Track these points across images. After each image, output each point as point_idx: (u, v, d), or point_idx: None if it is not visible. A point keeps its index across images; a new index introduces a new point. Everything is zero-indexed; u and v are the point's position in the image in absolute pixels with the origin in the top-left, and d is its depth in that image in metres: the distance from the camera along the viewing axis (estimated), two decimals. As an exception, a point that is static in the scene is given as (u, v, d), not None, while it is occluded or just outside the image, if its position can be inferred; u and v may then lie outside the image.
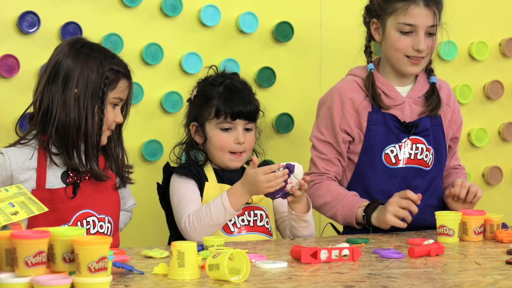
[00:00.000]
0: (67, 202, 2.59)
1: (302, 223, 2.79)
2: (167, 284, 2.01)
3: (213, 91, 2.84)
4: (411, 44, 2.92)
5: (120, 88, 2.65)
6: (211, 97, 2.83)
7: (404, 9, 2.91)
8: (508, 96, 3.84)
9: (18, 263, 1.83)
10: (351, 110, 2.98)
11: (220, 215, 2.66)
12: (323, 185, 2.96)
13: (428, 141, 3.00)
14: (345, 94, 2.99)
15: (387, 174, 2.96)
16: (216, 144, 2.82)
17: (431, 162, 3.01)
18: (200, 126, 2.85)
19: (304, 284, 2.01)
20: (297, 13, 3.55)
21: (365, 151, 2.98)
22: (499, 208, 3.62)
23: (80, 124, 2.57)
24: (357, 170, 3.01)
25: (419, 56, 2.94)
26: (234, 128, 2.83)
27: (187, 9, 3.37)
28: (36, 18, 3.12)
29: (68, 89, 2.57)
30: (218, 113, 2.81)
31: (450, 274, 2.16)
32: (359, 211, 2.88)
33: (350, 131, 2.98)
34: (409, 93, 3.02)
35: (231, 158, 2.83)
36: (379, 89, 2.99)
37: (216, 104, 2.81)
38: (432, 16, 2.92)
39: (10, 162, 2.58)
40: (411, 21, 2.91)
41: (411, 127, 2.97)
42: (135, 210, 2.97)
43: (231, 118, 2.81)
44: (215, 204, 2.67)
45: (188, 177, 2.79)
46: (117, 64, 2.64)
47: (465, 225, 2.68)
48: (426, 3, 2.91)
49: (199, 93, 2.88)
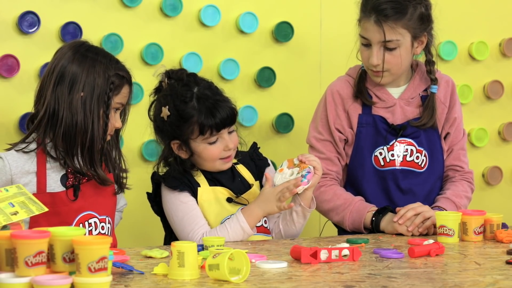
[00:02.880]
0: (68, 205, 2.60)
1: (301, 218, 2.78)
2: (167, 284, 2.01)
3: (188, 109, 2.74)
4: (368, 57, 2.92)
5: (123, 94, 2.66)
6: (189, 116, 2.73)
7: (363, 21, 2.92)
8: (508, 96, 3.84)
9: (18, 263, 1.83)
10: (342, 109, 2.98)
11: (238, 237, 2.68)
12: (329, 190, 2.96)
13: (418, 142, 2.98)
14: (337, 93, 2.99)
15: (377, 176, 2.96)
16: (207, 157, 2.77)
17: (425, 163, 3.00)
18: (184, 143, 2.78)
19: (304, 284, 2.01)
20: (297, 13, 3.55)
21: (355, 153, 2.98)
22: (499, 208, 3.62)
23: (86, 127, 2.57)
24: (349, 172, 3.01)
25: (375, 70, 2.93)
26: (220, 138, 2.76)
27: (187, 9, 3.37)
28: (36, 18, 3.12)
29: (74, 92, 2.57)
30: (202, 130, 2.73)
31: (450, 274, 2.16)
32: (367, 216, 2.88)
33: (343, 130, 2.99)
34: (402, 95, 3.01)
35: (222, 163, 2.81)
36: (371, 91, 2.99)
37: (197, 121, 2.72)
38: (382, 32, 2.87)
39: (10, 167, 2.57)
40: (364, 34, 2.91)
41: (399, 129, 2.97)
42: (136, 210, 2.97)
43: (216, 131, 2.75)
44: (232, 226, 2.68)
45: (181, 190, 2.75)
46: (122, 70, 2.66)
47: (465, 225, 2.68)
48: (376, 20, 2.87)
49: (173, 112, 2.76)
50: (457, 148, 3.08)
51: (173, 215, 2.75)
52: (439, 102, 3.02)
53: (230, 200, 2.78)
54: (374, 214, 2.87)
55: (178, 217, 2.73)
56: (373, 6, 2.88)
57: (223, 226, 2.69)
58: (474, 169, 3.76)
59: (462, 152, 3.09)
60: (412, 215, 2.79)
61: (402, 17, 2.88)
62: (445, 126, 3.05)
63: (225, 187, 2.80)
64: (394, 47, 2.89)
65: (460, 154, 3.09)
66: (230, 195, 2.79)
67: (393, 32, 2.87)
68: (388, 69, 2.92)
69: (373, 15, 2.87)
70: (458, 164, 3.09)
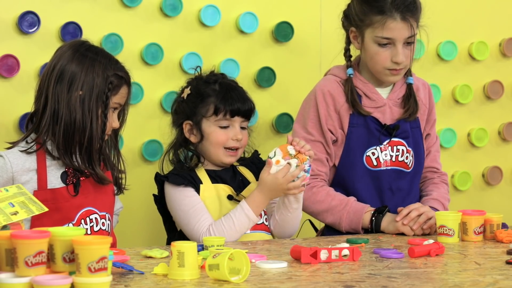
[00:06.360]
0: (70, 200, 2.61)
1: (294, 203, 2.78)
2: (167, 284, 2.01)
3: (208, 88, 2.85)
4: (390, 57, 2.91)
5: (121, 94, 2.67)
6: (207, 95, 2.83)
7: (382, 23, 2.88)
8: (508, 96, 3.84)
9: (18, 263, 1.83)
10: (334, 110, 2.98)
11: (244, 225, 2.70)
12: (321, 191, 2.95)
13: (408, 143, 3.00)
14: (328, 94, 2.99)
15: (369, 176, 2.96)
16: (214, 140, 2.82)
17: (412, 163, 3.01)
18: (196, 124, 2.85)
19: (304, 284, 2.01)
20: (297, 13, 3.55)
21: (346, 154, 2.98)
22: (499, 208, 3.62)
23: (85, 126, 2.58)
24: (338, 173, 3.00)
25: (398, 68, 2.93)
26: (231, 126, 2.83)
27: (187, 9, 3.37)
28: (36, 18, 3.12)
29: (73, 91, 2.58)
30: (217, 110, 2.81)
31: (450, 274, 2.16)
32: (366, 216, 2.88)
33: (334, 131, 2.98)
34: (389, 95, 3.02)
35: (227, 154, 2.83)
36: (361, 90, 2.99)
37: (214, 101, 2.82)
38: (409, 28, 2.88)
39: (11, 164, 2.58)
40: (388, 35, 2.89)
41: (392, 129, 2.97)
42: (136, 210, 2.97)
43: (230, 115, 2.82)
44: (237, 216, 2.70)
45: (186, 186, 2.78)
46: (121, 70, 2.67)
47: (465, 225, 2.68)
48: (402, 17, 2.87)
49: (193, 92, 2.87)
50: (434, 150, 3.13)
51: (177, 209, 2.77)
52: (421, 103, 3.06)
53: (231, 198, 2.80)
54: (373, 214, 2.87)
55: (183, 211, 2.75)
56: (395, 5, 2.87)
57: (228, 216, 2.71)
58: (474, 169, 3.79)
59: (438, 154, 3.15)
60: (416, 215, 2.80)
61: (420, 10, 2.93)
62: (426, 127, 3.09)
63: (227, 185, 2.82)
64: (413, 41, 2.92)
65: (437, 156, 3.14)
66: (232, 193, 2.80)
67: (415, 27, 2.91)
68: (406, 65, 2.94)
69: (398, 13, 2.87)
70: (435, 166, 3.13)
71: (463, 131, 3.76)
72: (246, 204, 2.71)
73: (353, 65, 3.04)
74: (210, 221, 2.72)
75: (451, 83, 3.73)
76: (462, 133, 3.76)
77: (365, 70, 3.02)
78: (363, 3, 2.94)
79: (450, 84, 3.73)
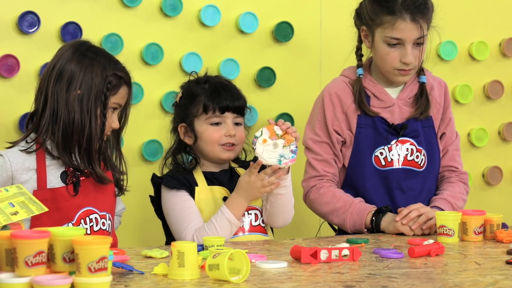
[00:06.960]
0: (69, 200, 2.61)
1: (282, 189, 2.74)
2: (167, 284, 2.01)
3: (198, 88, 2.85)
4: (399, 57, 2.91)
5: (121, 94, 2.67)
6: (197, 94, 2.83)
7: (391, 23, 2.88)
8: (508, 96, 3.84)
9: (18, 263, 1.83)
10: (341, 111, 2.98)
11: (226, 230, 2.69)
12: (328, 192, 2.95)
13: (418, 142, 2.99)
14: (335, 95, 2.99)
15: (378, 176, 2.96)
16: (207, 138, 2.81)
17: (424, 163, 3.00)
18: (189, 125, 2.84)
19: (304, 284, 2.01)
20: (297, 13, 3.55)
21: (355, 154, 2.98)
22: (499, 208, 3.62)
23: (83, 126, 2.58)
24: (348, 173, 3.00)
25: (407, 69, 2.93)
26: (223, 122, 2.82)
27: (187, 9, 3.37)
28: (36, 18, 3.12)
29: (71, 90, 2.58)
30: (206, 108, 2.80)
31: (450, 274, 2.16)
32: (368, 217, 2.88)
33: (341, 132, 2.98)
34: (399, 95, 3.02)
35: (224, 149, 2.82)
36: (369, 91, 2.99)
37: (203, 100, 2.81)
38: (419, 29, 2.88)
39: (11, 163, 2.58)
40: (397, 35, 2.89)
41: (399, 129, 2.97)
42: (136, 210, 2.97)
43: (220, 112, 2.80)
44: (218, 221, 2.69)
45: (178, 189, 2.77)
46: (121, 70, 2.66)
47: (465, 225, 2.68)
48: (412, 18, 2.87)
49: (185, 94, 2.87)
50: (452, 149, 3.10)
51: (169, 214, 2.78)
52: (435, 102, 3.04)
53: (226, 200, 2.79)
54: (373, 214, 2.87)
55: (174, 216, 2.76)
56: (405, 6, 2.87)
57: (210, 222, 2.71)
58: (474, 169, 3.79)
59: (457, 153, 3.11)
60: (416, 215, 2.79)
61: (431, 11, 2.93)
62: (441, 126, 3.07)
63: (223, 187, 2.81)
64: (423, 42, 2.92)
65: (455, 155, 3.10)
66: (228, 195, 2.79)
67: (425, 28, 2.91)
68: (415, 66, 2.94)
69: (408, 13, 2.87)
70: (453, 164, 3.10)
71: (463, 131, 3.76)
72: (226, 208, 2.70)
73: (364, 65, 3.04)
74: (195, 228, 2.71)
75: (451, 83, 3.72)
76: (462, 133, 3.76)
77: (376, 70, 3.02)
78: (374, 2, 2.94)
79: (450, 84, 3.72)
